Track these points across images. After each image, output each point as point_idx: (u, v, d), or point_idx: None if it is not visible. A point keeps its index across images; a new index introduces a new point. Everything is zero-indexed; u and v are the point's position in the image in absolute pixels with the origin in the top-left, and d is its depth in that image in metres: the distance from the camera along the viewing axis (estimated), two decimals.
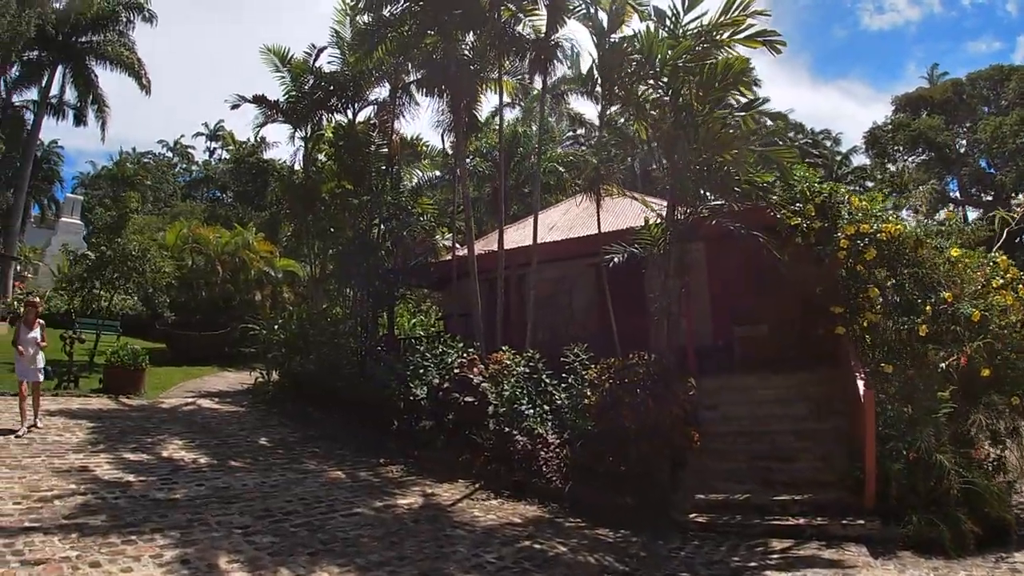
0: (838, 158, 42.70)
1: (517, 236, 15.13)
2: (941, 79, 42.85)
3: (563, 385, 10.33)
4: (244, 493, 7.59)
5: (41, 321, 9.92)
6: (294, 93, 16.55)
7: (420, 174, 18.53)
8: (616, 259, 10.81)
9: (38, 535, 5.67)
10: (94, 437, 9.55)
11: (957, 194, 39.85)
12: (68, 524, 6.01)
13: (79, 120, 29.36)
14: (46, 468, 7.71)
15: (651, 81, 10.49)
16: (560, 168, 28.44)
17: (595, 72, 11.75)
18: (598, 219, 11.64)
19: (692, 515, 7.82)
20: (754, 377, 10.60)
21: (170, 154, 54.36)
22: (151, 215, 36.71)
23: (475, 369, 10.63)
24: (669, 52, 9.36)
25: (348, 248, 14.57)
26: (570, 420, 9.71)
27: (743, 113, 10.02)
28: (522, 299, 14.04)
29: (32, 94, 28.76)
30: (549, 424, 9.88)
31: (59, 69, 28.16)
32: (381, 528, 6.94)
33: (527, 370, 10.48)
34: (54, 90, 28.64)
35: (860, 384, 7.84)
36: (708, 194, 10.55)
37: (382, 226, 15.08)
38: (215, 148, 50.20)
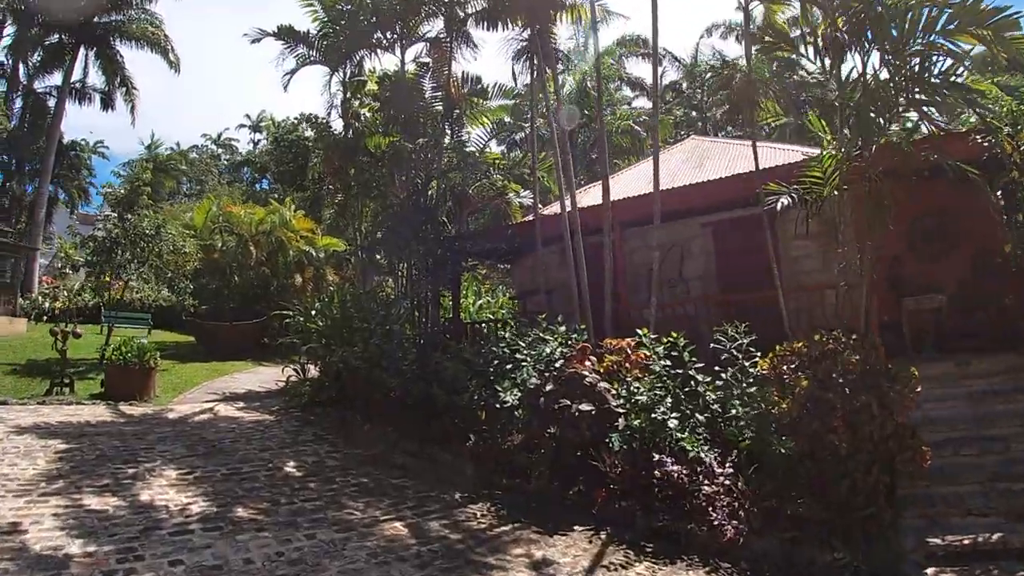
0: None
1: (599, 197, 11.86)
2: None
3: (716, 384, 7.05)
4: None
5: None
6: (329, 24, 13.47)
7: (483, 129, 15.18)
8: (783, 202, 7.80)
9: None
10: (57, 467, 6.83)
11: None
12: None
13: (106, 104, 27.49)
14: None
15: None
16: (636, 127, 25.07)
17: None
18: (754, 149, 8.29)
19: (932, 570, 5.52)
20: (948, 363, 8.19)
21: (214, 146, 52.98)
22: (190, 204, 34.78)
23: (586, 364, 7.40)
24: None
25: (401, 209, 11.37)
26: (746, 436, 6.43)
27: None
28: (617, 268, 10.97)
29: (55, 79, 26.92)
30: (705, 442, 6.61)
31: (82, 52, 26.20)
32: None
33: (668, 363, 7.15)
34: (78, 74, 26.71)
35: None
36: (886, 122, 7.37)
37: (442, 183, 11.88)
38: (259, 140, 48.58)
